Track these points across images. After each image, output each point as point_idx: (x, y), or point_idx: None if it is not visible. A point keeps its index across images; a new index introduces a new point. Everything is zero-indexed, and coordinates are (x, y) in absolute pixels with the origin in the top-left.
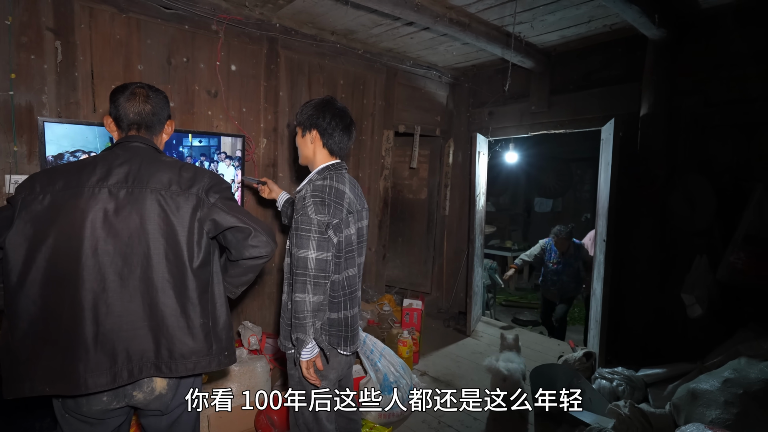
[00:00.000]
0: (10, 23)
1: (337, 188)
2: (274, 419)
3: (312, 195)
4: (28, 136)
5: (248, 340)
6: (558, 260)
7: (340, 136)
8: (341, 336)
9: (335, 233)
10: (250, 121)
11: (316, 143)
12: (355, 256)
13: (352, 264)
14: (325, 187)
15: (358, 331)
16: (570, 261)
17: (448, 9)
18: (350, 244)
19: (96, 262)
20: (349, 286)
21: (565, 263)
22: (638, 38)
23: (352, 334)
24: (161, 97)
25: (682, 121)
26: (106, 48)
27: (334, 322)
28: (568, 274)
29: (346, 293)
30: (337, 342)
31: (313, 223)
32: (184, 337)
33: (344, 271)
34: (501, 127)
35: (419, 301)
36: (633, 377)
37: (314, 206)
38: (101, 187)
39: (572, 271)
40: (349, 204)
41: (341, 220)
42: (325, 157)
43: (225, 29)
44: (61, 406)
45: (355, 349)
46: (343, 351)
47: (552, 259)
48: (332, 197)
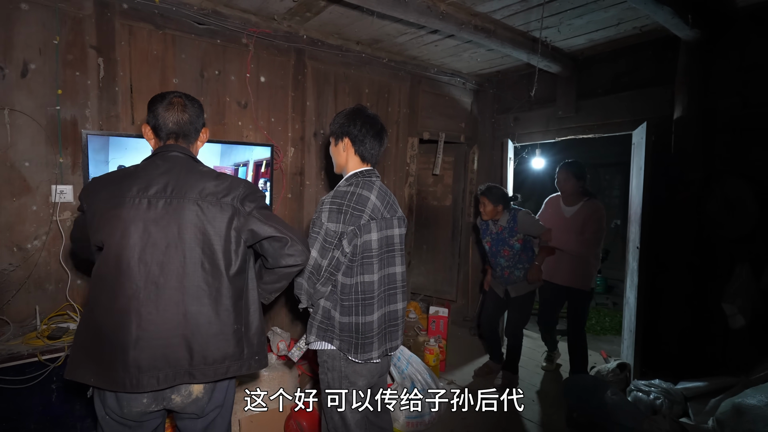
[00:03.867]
0: (58, 42)
1: (360, 194)
2: (303, 424)
3: (330, 201)
4: (72, 148)
5: (277, 345)
6: (490, 236)
7: (371, 142)
8: (351, 342)
9: (349, 242)
10: (278, 130)
11: (349, 151)
12: (374, 263)
13: (369, 270)
14: (346, 193)
15: (376, 341)
16: (503, 237)
17: (473, 16)
18: (368, 250)
19: (135, 271)
20: (364, 292)
21: (497, 240)
22: (670, 39)
23: (364, 341)
24: (197, 106)
25: (719, 123)
26: (143, 63)
27: (344, 326)
28: (506, 257)
29: (359, 298)
30: (347, 348)
31: (323, 229)
32: (219, 342)
33: (358, 276)
34: (527, 132)
35: (445, 308)
36: (671, 390)
37: (328, 213)
38: (141, 197)
39: (512, 252)
40: (373, 210)
41: (357, 227)
42: (356, 164)
43: (254, 42)
44: (102, 407)
45: (369, 358)
46: (354, 358)
47: (485, 237)
48: (352, 203)
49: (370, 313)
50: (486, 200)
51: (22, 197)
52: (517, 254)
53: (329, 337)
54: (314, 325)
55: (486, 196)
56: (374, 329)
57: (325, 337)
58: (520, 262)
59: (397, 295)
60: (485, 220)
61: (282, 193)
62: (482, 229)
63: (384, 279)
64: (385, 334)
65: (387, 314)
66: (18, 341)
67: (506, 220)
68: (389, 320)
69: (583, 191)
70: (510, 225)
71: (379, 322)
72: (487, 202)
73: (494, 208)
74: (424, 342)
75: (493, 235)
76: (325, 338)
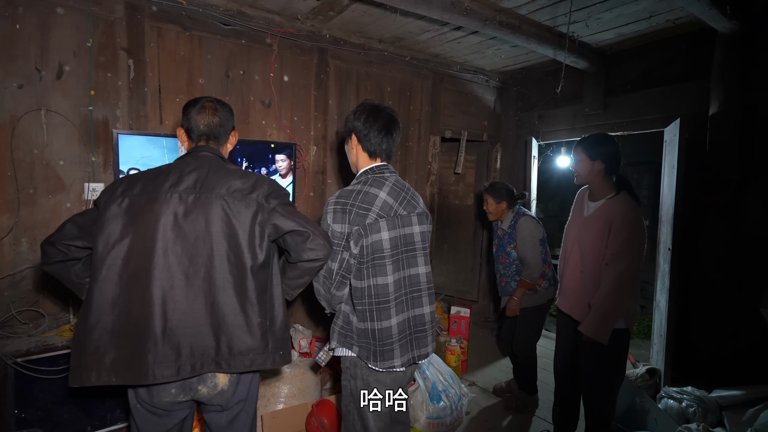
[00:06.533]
0: (91, 45)
1: (367, 192)
2: (325, 422)
3: (335, 201)
4: (104, 147)
5: (299, 342)
6: (497, 239)
7: (376, 136)
8: (370, 349)
9: (356, 243)
10: (301, 129)
11: (357, 147)
12: (387, 264)
13: (382, 272)
14: (352, 192)
15: (398, 348)
16: (503, 242)
17: (497, 12)
18: (379, 251)
19: (166, 262)
20: (378, 296)
21: (499, 245)
22: (705, 32)
23: (382, 349)
24: (227, 110)
25: (758, 119)
26: (171, 64)
27: (362, 333)
28: (503, 265)
29: (372, 302)
30: (366, 355)
31: (329, 231)
32: (243, 334)
33: (370, 278)
34: (552, 130)
35: (467, 309)
36: (705, 398)
37: (333, 214)
38: (173, 192)
39: (508, 261)
40: (382, 208)
41: (362, 227)
42: (365, 160)
43: (278, 42)
44: (135, 396)
45: (390, 366)
46: (374, 366)
47: (494, 238)
48: (357, 202)
49: (387, 318)
50: (489, 197)
51: (57, 195)
52: (512, 264)
53: (349, 344)
54: (336, 330)
55: (488, 192)
56: (393, 335)
57: (345, 343)
58: (518, 274)
59: (423, 297)
60: (491, 221)
61: (304, 192)
62: (494, 230)
63: (404, 281)
64: (410, 341)
65: (412, 319)
66: (52, 333)
67: (509, 223)
68: (415, 325)
69: (610, 182)
70: (510, 230)
71: (399, 328)
72: (490, 199)
73: (497, 205)
74: (445, 342)
75: (498, 238)
76: (345, 344)
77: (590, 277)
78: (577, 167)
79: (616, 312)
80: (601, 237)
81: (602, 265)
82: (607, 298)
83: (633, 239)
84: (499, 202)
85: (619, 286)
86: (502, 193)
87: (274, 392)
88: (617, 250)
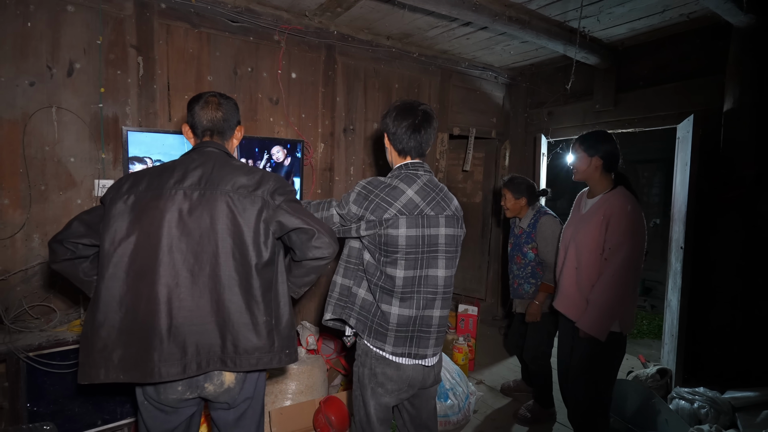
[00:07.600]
0: (101, 42)
1: (395, 187)
2: (332, 419)
3: (363, 186)
4: (113, 144)
5: (306, 340)
6: (513, 237)
7: (405, 134)
8: (366, 324)
9: (367, 227)
10: (308, 126)
11: (390, 146)
12: (399, 260)
13: (392, 265)
14: (381, 183)
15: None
16: (520, 241)
17: (507, 7)
18: (393, 245)
19: (171, 259)
20: (386, 281)
21: (516, 243)
22: (720, 27)
23: (378, 329)
24: (231, 104)
25: None
26: (180, 62)
27: (365, 305)
28: (517, 265)
29: (379, 284)
30: (362, 329)
31: (345, 210)
32: (248, 333)
33: (385, 266)
34: (561, 127)
35: (474, 307)
36: (718, 399)
37: (356, 196)
38: (177, 189)
39: (524, 261)
40: (405, 206)
41: (379, 219)
42: (396, 158)
43: (286, 39)
44: (142, 393)
45: (380, 347)
46: (368, 342)
47: (510, 237)
48: (382, 194)
49: (387, 303)
50: (507, 192)
51: (68, 191)
52: (528, 265)
53: (347, 314)
54: (331, 303)
55: (507, 187)
56: (390, 323)
57: (342, 314)
58: (533, 277)
59: (436, 301)
60: (509, 218)
61: (312, 189)
62: (511, 227)
63: (418, 280)
64: (410, 337)
65: (419, 318)
66: (63, 328)
67: (528, 222)
68: (420, 325)
69: (608, 178)
70: (529, 229)
71: (399, 320)
72: (509, 194)
73: (516, 201)
74: (452, 340)
75: (515, 236)
76: (343, 315)
77: (585, 274)
78: (576, 163)
79: (614, 307)
80: (597, 230)
81: (601, 260)
82: (606, 292)
83: (632, 230)
84: (518, 197)
85: (618, 280)
86: (522, 188)
87: (281, 389)
88: (616, 243)
